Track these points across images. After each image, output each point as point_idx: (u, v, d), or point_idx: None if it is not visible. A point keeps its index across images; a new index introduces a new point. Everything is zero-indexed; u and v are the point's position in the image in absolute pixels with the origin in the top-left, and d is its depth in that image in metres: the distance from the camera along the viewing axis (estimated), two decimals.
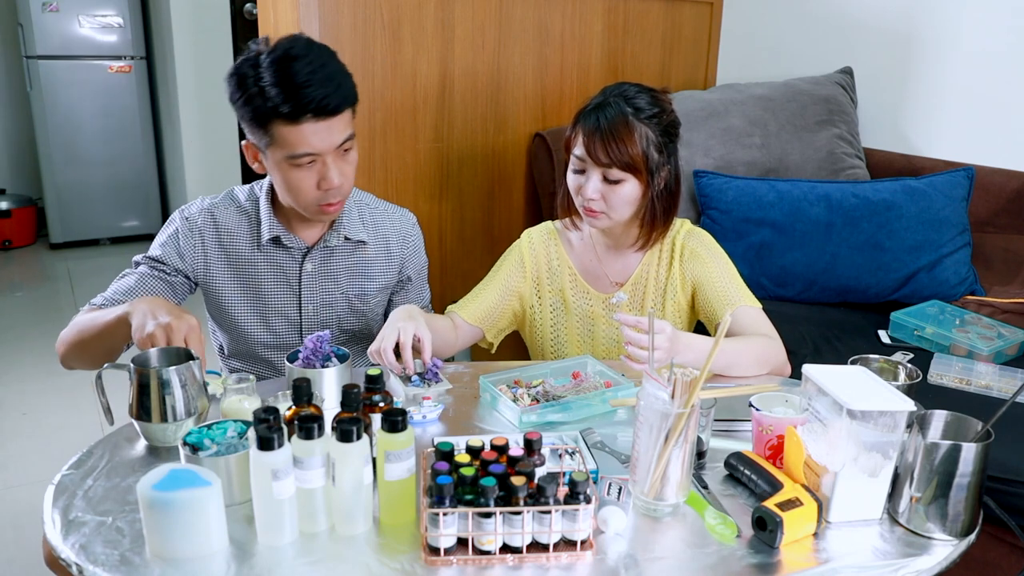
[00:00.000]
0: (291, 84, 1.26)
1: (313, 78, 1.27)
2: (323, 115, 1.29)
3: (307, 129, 1.29)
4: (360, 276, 1.54)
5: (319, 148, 1.31)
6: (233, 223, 1.48)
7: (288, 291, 1.50)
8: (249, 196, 1.51)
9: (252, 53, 1.31)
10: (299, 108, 1.27)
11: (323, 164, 1.33)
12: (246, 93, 1.29)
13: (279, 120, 1.28)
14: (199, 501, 0.87)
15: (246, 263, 1.48)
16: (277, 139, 1.31)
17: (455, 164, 2.32)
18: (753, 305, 1.48)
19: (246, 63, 1.30)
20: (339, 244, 1.50)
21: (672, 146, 1.47)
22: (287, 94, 1.26)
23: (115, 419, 1.21)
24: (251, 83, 1.28)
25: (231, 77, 1.31)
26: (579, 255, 1.60)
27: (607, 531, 0.94)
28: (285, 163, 1.33)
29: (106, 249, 4.73)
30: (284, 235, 1.47)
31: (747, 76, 2.65)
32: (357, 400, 0.97)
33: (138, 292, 1.43)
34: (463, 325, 1.54)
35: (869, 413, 0.94)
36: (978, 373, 1.70)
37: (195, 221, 1.47)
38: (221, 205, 1.49)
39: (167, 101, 4.37)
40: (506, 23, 2.29)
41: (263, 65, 1.28)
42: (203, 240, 1.47)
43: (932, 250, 2.06)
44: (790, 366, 1.43)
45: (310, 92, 1.26)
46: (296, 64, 1.26)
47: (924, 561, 0.91)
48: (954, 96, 2.30)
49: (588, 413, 1.22)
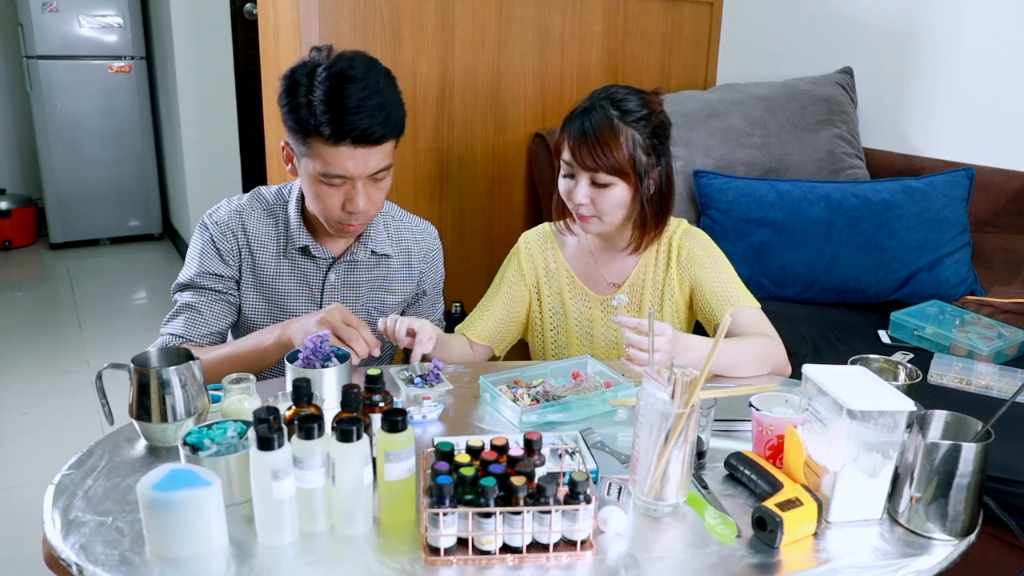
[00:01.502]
0: (339, 107, 1.25)
1: (364, 105, 1.26)
2: (364, 143, 1.28)
3: (344, 153, 1.29)
4: (381, 289, 1.54)
5: (352, 173, 1.31)
6: (261, 228, 1.47)
7: (309, 300, 1.50)
8: (277, 199, 1.50)
9: (311, 61, 1.30)
10: (341, 132, 1.26)
11: (352, 187, 1.33)
12: (294, 101, 1.28)
13: (319, 137, 1.28)
14: (199, 501, 0.87)
15: (271, 269, 1.48)
16: (314, 153, 1.31)
17: (455, 164, 2.32)
18: (752, 305, 1.47)
19: (302, 70, 1.29)
20: (365, 257, 1.50)
21: (662, 147, 1.45)
22: (333, 115, 1.25)
23: (115, 419, 1.21)
24: (302, 92, 1.27)
25: (285, 79, 1.31)
26: (576, 258, 1.59)
27: (607, 531, 0.93)
28: (316, 177, 1.33)
29: (106, 249, 4.73)
30: (313, 245, 1.46)
31: (747, 76, 2.65)
32: (357, 400, 0.97)
33: (220, 323, 1.45)
34: (474, 345, 1.56)
35: (869, 413, 0.93)
36: (978, 373, 1.70)
37: (227, 224, 1.46)
38: (248, 208, 1.48)
39: (167, 101, 4.38)
40: (506, 23, 2.29)
41: (318, 78, 1.27)
42: (237, 242, 1.47)
43: (932, 250, 2.06)
44: (790, 366, 1.43)
45: (355, 120, 1.25)
46: (350, 87, 1.25)
47: (924, 561, 0.91)
48: (954, 96, 2.30)
49: (588, 413, 1.22)
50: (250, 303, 1.50)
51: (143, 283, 4.28)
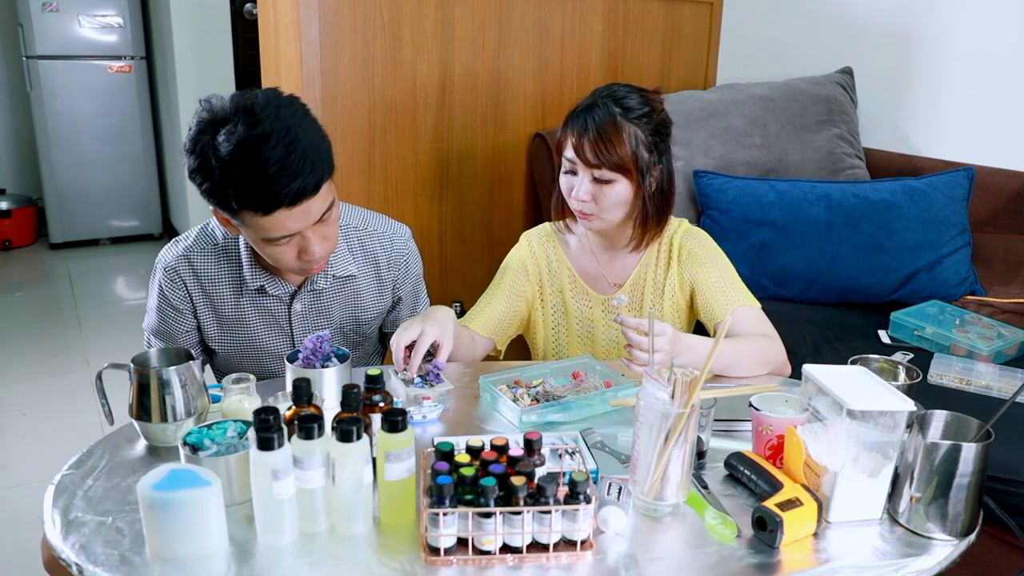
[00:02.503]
0: (260, 179, 1.13)
1: (285, 165, 1.13)
2: (299, 202, 1.17)
3: (282, 215, 1.18)
4: (352, 307, 1.49)
5: (296, 229, 1.21)
6: (212, 270, 1.39)
7: (279, 332, 1.45)
8: (227, 236, 1.40)
9: (207, 127, 1.15)
10: (271, 204, 1.15)
11: (302, 238, 1.23)
12: (209, 182, 1.16)
13: (249, 212, 1.17)
14: (199, 501, 0.87)
15: (231, 309, 1.42)
16: (250, 224, 1.21)
17: (455, 164, 2.32)
18: (752, 305, 1.47)
19: (202, 141, 1.15)
20: (327, 285, 1.43)
21: (663, 145, 1.46)
22: (257, 191, 1.14)
23: (115, 419, 1.21)
24: (215, 172, 1.15)
25: (189, 155, 1.17)
26: (577, 257, 1.59)
27: (607, 531, 0.94)
28: (260, 241, 1.24)
29: (106, 249, 4.73)
30: (269, 283, 1.40)
31: (747, 76, 2.65)
32: (357, 400, 0.97)
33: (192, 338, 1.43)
34: (476, 338, 1.53)
35: (869, 413, 0.93)
36: (978, 373, 1.70)
37: (175, 270, 1.39)
38: (196, 249, 1.39)
39: (167, 101, 4.38)
40: (506, 23, 2.29)
41: (222, 151, 1.13)
42: (186, 287, 1.40)
43: (932, 250, 2.06)
44: (790, 366, 1.43)
45: (283, 187, 1.14)
46: (264, 151, 1.12)
47: (924, 561, 0.91)
48: (954, 96, 2.30)
49: (588, 413, 1.22)
50: (220, 341, 1.45)
51: (143, 283, 4.27)
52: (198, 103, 1.19)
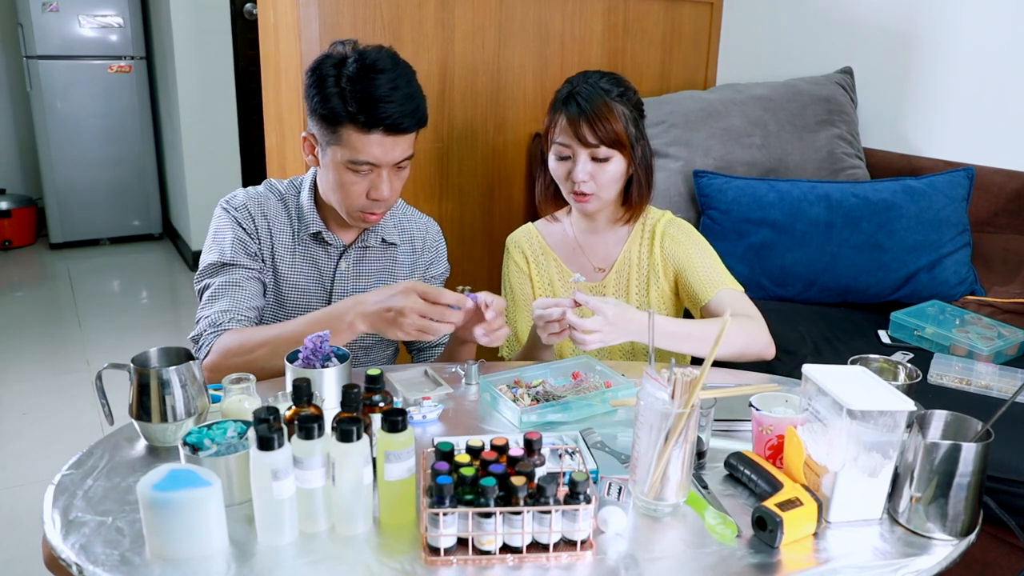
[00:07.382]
0: (371, 96, 1.31)
1: (394, 95, 1.32)
2: (393, 132, 1.34)
3: (374, 140, 1.34)
4: (388, 278, 1.57)
5: (380, 160, 1.36)
6: (276, 214, 1.50)
7: (319, 288, 1.53)
8: (289, 188, 1.53)
9: (336, 53, 1.34)
10: (374, 120, 1.31)
11: (378, 175, 1.38)
12: (325, 91, 1.32)
13: (351, 125, 1.33)
14: (199, 501, 0.87)
15: (284, 255, 1.50)
16: (343, 141, 1.35)
17: (455, 164, 2.32)
18: (735, 288, 1.53)
19: (328, 62, 1.34)
20: (376, 244, 1.54)
21: (642, 122, 1.55)
22: (366, 104, 1.31)
23: (115, 419, 1.21)
24: (332, 83, 1.32)
25: (311, 72, 1.35)
26: (561, 246, 1.65)
27: (607, 531, 0.94)
28: (343, 165, 1.37)
29: (106, 249, 4.73)
30: (325, 232, 1.50)
31: (747, 76, 2.65)
32: (357, 400, 0.97)
33: (259, 300, 1.46)
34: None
35: (869, 413, 0.93)
36: (978, 373, 1.70)
37: (247, 208, 1.48)
38: (264, 195, 1.51)
39: (167, 101, 4.38)
40: (506, 23, 2.29)
41: (348, 68, 1.32)
42: (256, 225, 1.49)
43: (932, 250, 2.06)
44: (774, 346, 1.47)
45: (388, 108, 1.31)
46: (380, 77, 1.31)
47: (924, 561, 0.91)
48: (954, 96, 2.30)
49: (588, 413, 1.22)
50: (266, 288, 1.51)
51: (143, 283, 4.27)
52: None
